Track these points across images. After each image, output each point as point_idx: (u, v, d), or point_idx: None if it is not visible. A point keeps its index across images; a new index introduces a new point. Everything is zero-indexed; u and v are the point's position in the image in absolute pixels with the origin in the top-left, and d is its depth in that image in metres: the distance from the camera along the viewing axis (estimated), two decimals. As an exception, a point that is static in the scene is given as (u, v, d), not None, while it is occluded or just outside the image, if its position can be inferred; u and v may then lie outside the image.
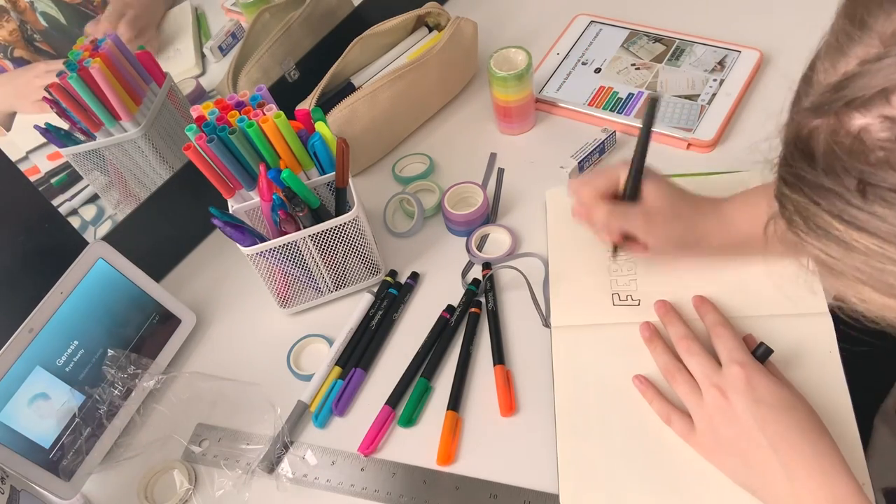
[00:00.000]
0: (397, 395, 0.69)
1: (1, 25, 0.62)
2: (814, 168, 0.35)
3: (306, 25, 0.88)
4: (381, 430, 0.67)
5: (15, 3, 0.63)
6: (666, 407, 0.62)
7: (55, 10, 0.66)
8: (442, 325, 0.73)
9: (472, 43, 0.91)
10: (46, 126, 0.68)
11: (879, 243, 0.33)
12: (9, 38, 0.63)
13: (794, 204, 0.37)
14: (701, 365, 0.60)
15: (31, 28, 0.64)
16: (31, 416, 0.65)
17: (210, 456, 0.69)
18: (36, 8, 0.65)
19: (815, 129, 0.34)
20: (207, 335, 0.79)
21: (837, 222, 0.34)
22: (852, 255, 0.35)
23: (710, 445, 0.59)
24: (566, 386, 0.66)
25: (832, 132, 0.33)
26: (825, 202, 0.35)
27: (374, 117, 0.84)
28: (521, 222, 0.80)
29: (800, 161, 0.35)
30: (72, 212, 0.73)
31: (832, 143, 0.33)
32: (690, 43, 0.91)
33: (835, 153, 0.33)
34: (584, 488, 0.60)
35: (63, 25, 0.67)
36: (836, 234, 0.35)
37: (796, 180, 0.36)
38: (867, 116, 0.32)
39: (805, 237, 0.37)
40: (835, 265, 0.36)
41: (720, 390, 0.57)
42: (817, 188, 0.35)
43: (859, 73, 0.33)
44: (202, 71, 0.80)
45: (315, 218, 0.70)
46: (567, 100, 0.89)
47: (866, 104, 0.32)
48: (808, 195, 0.35)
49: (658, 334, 0.66)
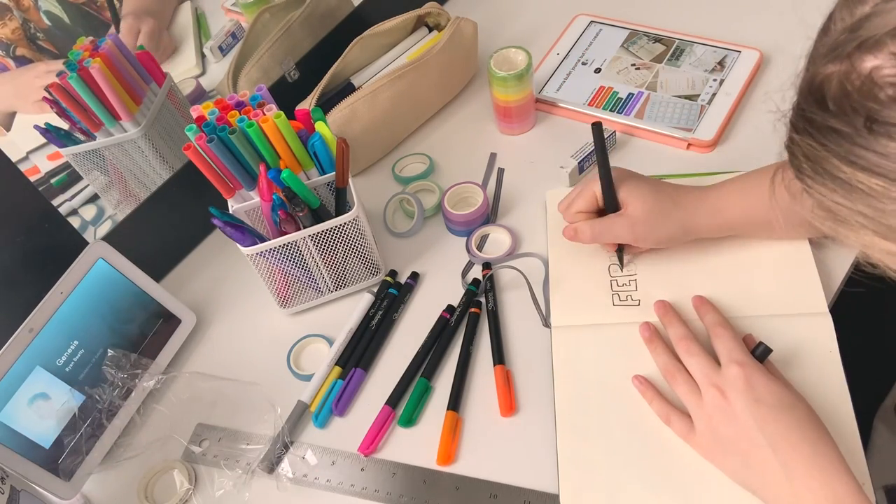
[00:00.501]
0: (397, 395, 0.69)
1: (4, 24, 0.62)
2: (824, 111, 0.36)
3: (306, 25, 0.88)
4: (381, 430, 0.67)
5: (18, 2, 0.63)
6: (665, 407, 0.62)
7: (59, 10, 0.66)
8: (442, 325, 0.73)
9: (472, 43, 0.91)
10: (46, 126, 0.68)
11: (884, 183, 0.34)
12: (11, 36, 0.63)
13: (803, 150, 0.38)
14: (700, 365, 0.60)
15: (34, 27, 0.64)
16: (31, 416, 0.65)
17: (210, 456, 0.69)
18: (40, 7, 0.65)
19: (829, 76, 0.36)
20: (207, 335, 0.79)
21: (844, 164, 0.35)
22: (857, 198, 0.36)
23: (709, 445, 0.59)
24: (566, 386, 0.66)
25: (844, 76, 0.35)
26: (833, 144, 0.36)
27: (374, 117, 0.84)
28: (521, 222, 0.80)
29: (812, 106, 0.37)
30: (72, 212, 0.73)
31: (844, 85, 0.35)
32: (690, 43, 0.91)
33: (846, 94, 0.35)
34: (584, 488, 0.60)
35: (67, 25, 0.67)
36: (842, 176, 0.36)
37: (807, 125, 0.37)
38: (878, 57, 0.33)
39: (812, 184, 0.38)
40: (839, 211, 0.37)
41: (719, 390, 0.57)
42: (826, 131, 0.36)
43: (873, 13, 0.34)
44: (202, 71, 0.80)
45: (315, 218, 0.70)
46: (567, 100, 0.89)
47: (878, 44, 0.33)
48: (817, 139, 0.37)
49: (658, 334, 0.66)
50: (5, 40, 0.63)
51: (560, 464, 0.62)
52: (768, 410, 0.55)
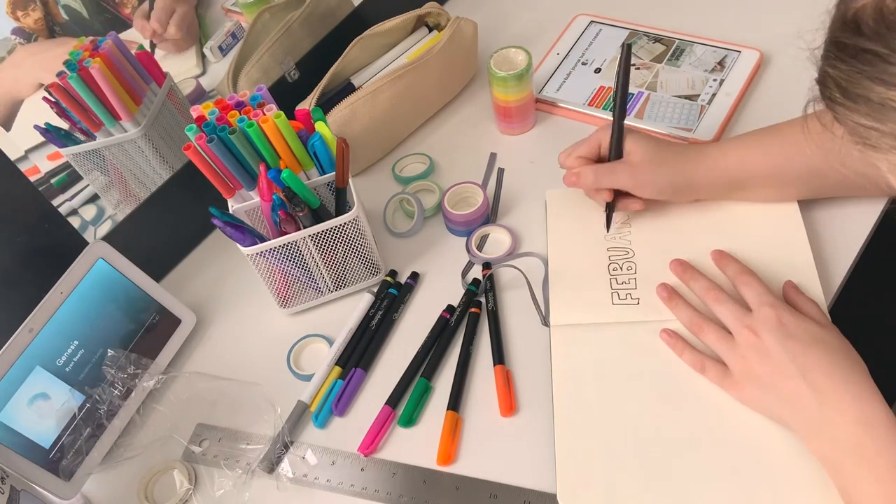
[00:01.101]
0: (397, 395, 0.69)
1: (27, 13, 0.63)
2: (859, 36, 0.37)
3: (306, 25, 0.88)
4: (382, 430, 0.67)
5: None
6: (699, 356, 0.63)
7: (79, 4, 0.67)
8: (442, 325, 0.73)
9: (472, 43, 0.91)
10: (46, 126, 0.68)
11: None
12: (34, 26, 0.64)
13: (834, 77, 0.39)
14: (732, 310, 0.62)
15: (53, 20, 0.65)
16: (31, 416, 0.65)
17: (210, 456, 0.69)
18: (58, 0, 0.65)
19: (863, 7, 0.37)
20: (207, 335, 0.79)
21: (878, 84, 0.37)
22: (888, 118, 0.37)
23: (745, 385, 0.60)
24: (564, 384, 0.66)
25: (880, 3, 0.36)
26: (867, 66, 0.37)
27: (374, 117, 0.84)
28: (521, 222, 0.80)
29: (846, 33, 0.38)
30: (72, 212, 0.73)
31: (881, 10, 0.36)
32: (690, 43, 0.91)
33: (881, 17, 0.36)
34: (582, 486, 0.60)
35: (85, 19, 0.68)
36: (874, 97, 0.37)
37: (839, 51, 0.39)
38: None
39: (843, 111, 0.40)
40: (870, 136, 0.39)
41: (752, 331, 0.59)
42: (860, 53, 0.37)
43: None
44: (202, 71, 0.80)
45: (315, 218, 0.70)
46: (567, 100, 0.89)
47: None
48: (850, 63, 0.38)
49: (677, 293, 0.67)
50: (28, 30, 0.63)
51: (557, 462, 0.62)
52: (799, 344, 0.57)
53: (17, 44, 0.63)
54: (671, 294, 0.68)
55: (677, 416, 0.62)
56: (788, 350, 0.57)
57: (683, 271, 0.68)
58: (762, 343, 0.58)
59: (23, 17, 0.63)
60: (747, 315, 0.61)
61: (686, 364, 0.64)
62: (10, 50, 0.63)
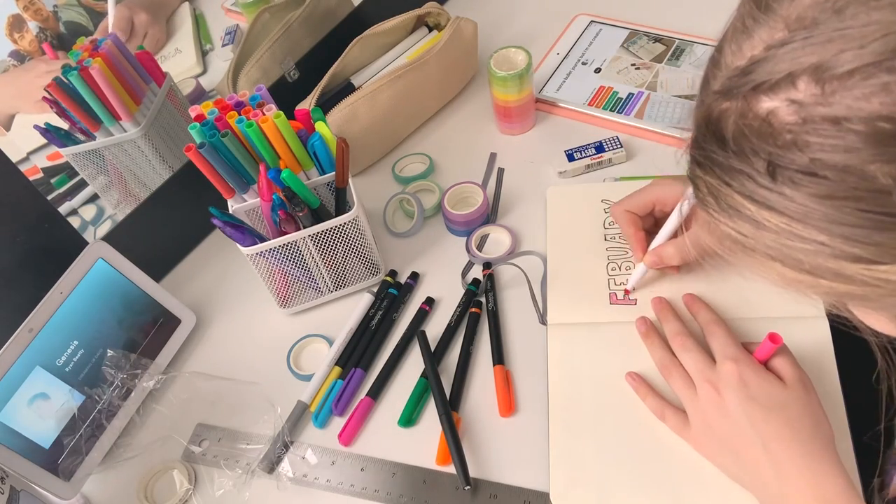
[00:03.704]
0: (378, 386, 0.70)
1: (22, 36, 0.63)
2: (724, 150, 0.35)
3: (306, 25, 0.88)
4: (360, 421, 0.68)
5: (37, 11, 0.63)
6: (660, 403, 0.62)
7: (85, 19, 0.67)
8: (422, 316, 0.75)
9: (472, 43, 0.91)
10: (46, 126, 0.68)
11: (788, 222, 0.34)
12: (28, 48, 0.64)
13: (707, 185, 0.37)
14: (695, 361, 0.60)
15: (50, 34, 0.65)
16: (31, 416, 0.65)
17: (210, 456, 0.69)
18: (60, 17, 0.66)
19: (725, 112, 0.35)
20: (207, 335, 0.79)
21: (748, 202, 0.35)
22: (763, 233, 0.35)
23: (703, 440, 0.59)
24: (560, 383, 0.66)
25: (741, 115, 0.34)
26: (736, 183, 0.35)
27: (374, 117, 0.84)
28: (521, 222, 0.80)
29: (711, 142, 0.36)
30: (72, 212, 0.73)
31: (741, 125, 0.34)
32: (690, 43, 0.91)
33: (744, 135, 0.34)
34: (575, 485, 0.60)
35: (90, 33, 0.68)
36: (747, 213, 0.35)
37: (708, 161, 0.37)
38: (774, 100, 0.32)
39: (717, 216, 0.38)
40: (746, 242, 0.37)
41: (713, 386, 0.58)
42: (728, 169, 0.35)
43: (765, 58, 0.33)
44: (203, 70, 0.80)
45: (315, 218, 0.70)
46: (567, 100, 0.89)
47: (773, 88, 0.32)
48: (720, 176, 0.36)
49: (655, 329, 0.66)
50: (23, 52, 0.64)
51: (551, 461, 0.62)
52: (760, 409, 0.55)
53: (11, 65, 0.63)
54: (648, 330, 0.66)
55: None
56: (748, 414, 0.55)
57: (660, 310, 0.67)
58: (722, 401, 0.56)
59: (19, 40, 0.63)
60: (710, 368, 0.59)
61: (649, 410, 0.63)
62: (5, 70, 0.64)
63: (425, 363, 0.69)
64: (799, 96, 0.31)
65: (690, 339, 0.62)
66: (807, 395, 0.56)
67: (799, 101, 0.31)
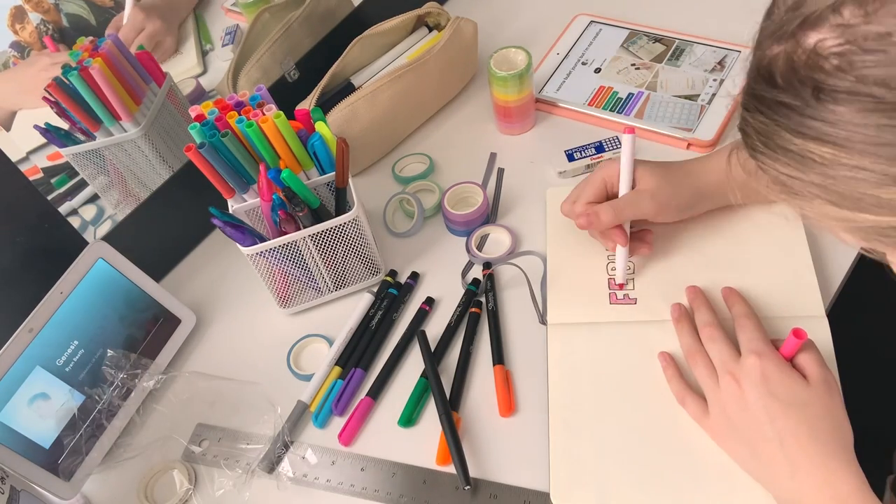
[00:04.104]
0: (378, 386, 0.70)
1: (23, 27, 0.63)
2: (774, 87, 0.38)
3: (306, 25, 0.88)
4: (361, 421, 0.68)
5: (39, 3, 0.63)
6: (683, 388, 0.63)
7: (87, 11, 0.67)
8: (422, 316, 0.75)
9: (471, 43, 0.91)
10: (46, 126, 0.68)
11: (833, 150, 0.36)
12: (29, 39, 0.64)
13: (755, 127, 0.40)
14: (720, 352, 0.61)
15: (52, 27, 0.65)
16: (31, 416, 0.65)
17: (210, 456, 0.69)
18: (62, 9, 0.65)
19: (776, 56, 0.38)
20: (207, 335, 0.79)
21: (795, 136, 0.37)
22: (809, 168, 0.37)
23: (721, 430, 0.59)
24: (560, 383, 0.66)
25: (791, 53, 0.37)
26: (783, 118, 0.37)
27: (374, 117, 0.84)
28: (520, 222, 0.80)
29: (761, 85, 0.39)
30: (72, 212, 0.73)
31: (791, 62, 0.37)
32: (690, 43, 0.91)
33: (793, 70, 0.36)
34: (575, 484, 0.60)
35: (92, 27, 0.68)
36: (793, 149, 0.38)
37: (757, 103, 0.39)
38: (821, 31, 0.35)
39: (765, 160, 0.40)
40: (793, 185, 0.39)
41: (735, 378, 0.58)
42: (777, 106, 0.38)
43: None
44: (203, 70, 0.80)
45: (315, 218, 0.70)
46: (567, 100, 0.89)
47: (819, 19, 0.35)
48: (768, 115, 0.38)
49: (687, 315, 0.67)
50: (24, 43, 0.64)
51: (551, 460, 0.62)
52: (779, 405, 0.55)
53: (11, 56, 0.63)
54: (681, 315, 0.67)
55: (671, 416, 0.62)
56: (768, 409, 0.55)
57: (693, 298, 0.68)
58: (742, 394, 0.57)
59: (20, 31, 0.63)
60: (734, 360, 0.59)
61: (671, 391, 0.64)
62: (5, 63, 0.63)
63: (425, 363, 0.69)
64: (844, 21, 0.34)
65: (719, 331, 0.63)
66: (829, 395, 0.56)
67: (844, 24, 0.34)
